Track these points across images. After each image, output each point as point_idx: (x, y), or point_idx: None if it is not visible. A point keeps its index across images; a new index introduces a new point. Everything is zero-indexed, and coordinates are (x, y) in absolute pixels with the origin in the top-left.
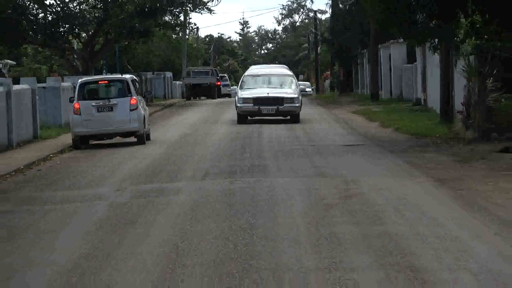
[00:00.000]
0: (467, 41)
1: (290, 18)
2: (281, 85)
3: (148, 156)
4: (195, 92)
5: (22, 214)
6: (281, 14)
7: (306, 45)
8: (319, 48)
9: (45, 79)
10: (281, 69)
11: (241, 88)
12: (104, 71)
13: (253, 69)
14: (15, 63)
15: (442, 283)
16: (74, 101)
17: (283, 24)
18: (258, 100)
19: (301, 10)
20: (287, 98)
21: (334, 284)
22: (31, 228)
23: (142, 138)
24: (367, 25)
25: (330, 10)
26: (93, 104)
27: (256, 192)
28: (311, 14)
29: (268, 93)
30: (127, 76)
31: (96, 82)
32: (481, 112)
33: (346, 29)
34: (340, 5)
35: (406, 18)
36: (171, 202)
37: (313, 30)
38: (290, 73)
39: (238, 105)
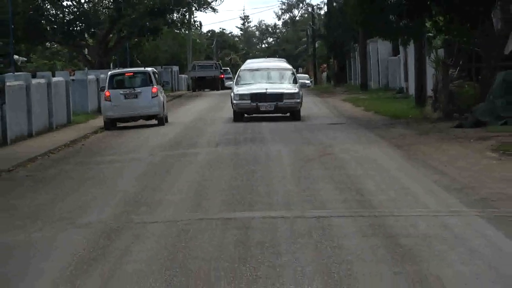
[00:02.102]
0: (438, 36)
1: (290, 13)
2: (280, 80)
3: (169, 133)
4: (200, 84)
5: (83, 170)
6: (281, 9)
7: (305, 39)
8: (316, 42)
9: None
10: (280, 63)
11: (237, 83)
12: (112, 65)
13: (249, 63)
14: (26, 59)
15: (374, 195)
16: (105, 90)
17: (283, 19)
18: (255, 96)
19: (301, 5)
20: (286, 93)
21: (307, 196)
22: (94, 177)
23: (162, 120)
24: None
25: (326, 7)
26: (121, 92)
27: (256, 153)
28: (310, 9)
29: (266, 89)
30: (149, 69)
31: (123, 74)
32: (445, 97)
33: (340, 25)
34: (334, 3)
35: (380, 19)
36: (193, 161)
37: (311, 25)
38: (289, 67)
39: (234, 102)
